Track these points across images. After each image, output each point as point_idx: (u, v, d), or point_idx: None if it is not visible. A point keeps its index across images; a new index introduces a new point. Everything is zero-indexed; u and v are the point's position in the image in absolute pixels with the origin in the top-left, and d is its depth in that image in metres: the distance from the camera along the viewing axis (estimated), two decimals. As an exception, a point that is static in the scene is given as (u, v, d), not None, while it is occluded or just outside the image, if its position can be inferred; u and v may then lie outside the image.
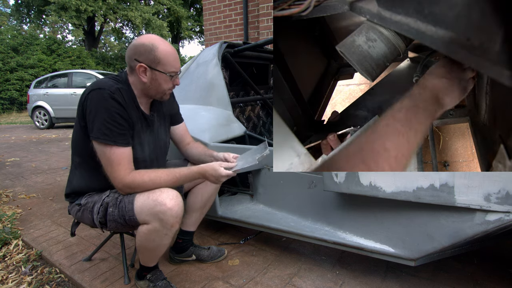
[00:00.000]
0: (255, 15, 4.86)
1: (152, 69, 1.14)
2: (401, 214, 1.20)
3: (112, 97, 1.08)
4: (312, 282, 1.41)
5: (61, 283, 1.49)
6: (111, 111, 1.08)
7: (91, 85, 1.13)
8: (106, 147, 1.09)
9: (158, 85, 1.17)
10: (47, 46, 13.02)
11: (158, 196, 1.09)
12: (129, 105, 1.14)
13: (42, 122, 7.61)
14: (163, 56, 1.13)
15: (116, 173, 1.10)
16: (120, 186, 1.12)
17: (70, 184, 1.27)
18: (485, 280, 1.38)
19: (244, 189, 1.81)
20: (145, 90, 1.19)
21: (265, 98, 2.49)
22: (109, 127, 1.08)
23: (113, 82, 1.14)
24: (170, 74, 1.17)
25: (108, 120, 1.08)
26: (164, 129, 1.36)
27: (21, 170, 3.52)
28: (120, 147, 1.10)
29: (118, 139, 1.09)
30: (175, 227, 1.12)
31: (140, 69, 1.14)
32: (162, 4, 15.95)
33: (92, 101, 1.09)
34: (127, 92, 1.16)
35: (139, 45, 1.13)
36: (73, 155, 1.25)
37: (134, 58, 1.14)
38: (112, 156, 1.09)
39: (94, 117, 1.08)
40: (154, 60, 1.13)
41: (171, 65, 1.16)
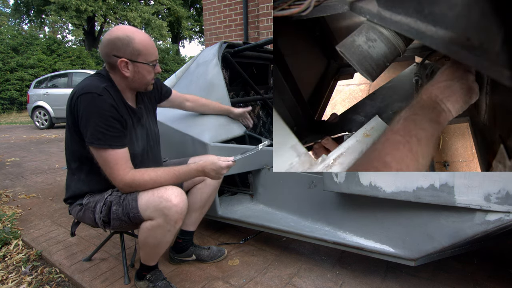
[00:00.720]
0: (255, 15, 4.86)
1: (134, 61, 1.12)
2: (401, 214, 1.20)
3: (102, 99, 1.07)
4: (312, 282, 1.41)
5: (61, 283, 1.49)
6: (103, 115, 1.07)
7: (78, 89, 1.10)
8: (102, 151, 1.09)
9: (142, 77, 1.17)
10: (47, 46, 13.02)
11: (164, 193, 1.11)
12: (118, 104, 1.13)
13: (42, 122, 7.61)
14: (142, 47, 1.11)
15: (115, 174, 1.11)
16: (121, 185, 1.13)
17: (69, 189, 1.27)
18: (485, 280, 1.38)
19: (244, 189, 1.81)
20: (129, 84, 1.19)
21: (265, 98, 2.49)
22: (103, 131, 1.07)
23: (98, 81, 1.12)
24: (152, 64, 1.16)
25: (101, 124, 1.07)
26: (152, 119, 1.37)
27: (21, 170, 3.52)
28: (116, 149, 1.10)
29: (113, 141, 1.10)
30: (178, 223, 1.14)
31: (121, 64, 1.11)
32: (162, 4, 15.95)
33: (83, 106, 1.08)
34: (113, 89, 1.14)
35: (115, 40, 1.10)
36: (69, 161, 1.25)
37: (113, 54, 1.11)
38: (109, 158, 1.09)
39: (87, 122, 1.08)
40: (133, 53, 1.11)
41: (151, 53, 1.14)
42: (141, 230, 1.16)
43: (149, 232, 1.14)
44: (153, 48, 1.16)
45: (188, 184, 1.47)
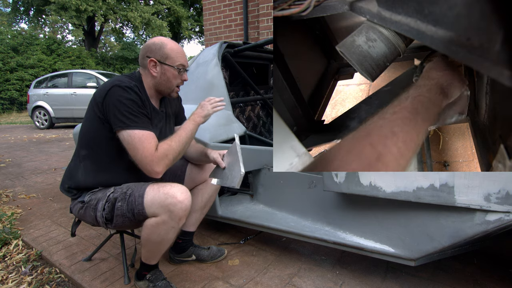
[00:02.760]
0: (255, 15, 4.86)
1: (162, 63, 1.23)
2: (401, 214, 1.20)
3: (133, 90, 1.16)
4: (312, 282, 1.41)
5: (61, 283, 1.49)
6: (134, 102, 1.14)
7: (110, 82, 1.17)
8: (133, 132, 1.12)
9: (167, 79, 1.26)
10: (47, 46, 13.02)
11: (169, 190, 1.13)
12: (144, 101, 1.21)
13: (42, 122, 7.60)
14: (170, 52, 1.24)
15: (146, 150, 1.12)
16: (154, 161, 1.13)
17: (73, 178, 1.27)
18: (485, 280, 1.38)
19: (244, 189, 1.81)
20: (156, 85, 1.27)
21: (265, 98, 2.49)
22: (136, 115, 1.14)
23: (129, 80, 1.21)
24: (177, 67, 1.25)
25: (133, 108, 1.14)
26: (170, 126, 1.41)
27: (21, 170, 3.52)
28: (146, 130, 1.15)
29: (143, 124, 1.15)
30: (182, 220, 1.16)
31: (151, 63, 1.23)
32: (162, 4, 15.94)
33: (115, 96, 1.14)
34: (141, 89, 1.23)
35: (151, 44, 1.25)
36: (80, 148, 1.27)
37: (146, 56, 1.24)
38: (142, 137, 1.13)
39: (120, 107, 1.13)
40: (163, 56, 1.23)
41: (178, 59, 1.25)
42: (145, 227, 1.17)
43: (152, 229, 1.15)
44: (182, 56, 1.27)
45: (189, 184, 1.47)
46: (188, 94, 2.00)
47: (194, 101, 1.95)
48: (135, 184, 1.20)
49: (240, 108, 2.37)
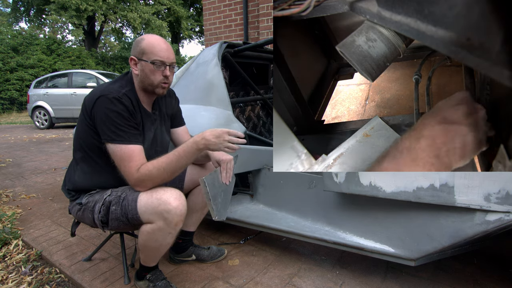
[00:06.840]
0: (255, 15, 4.86)
1: (140, 60, 1.18)
2: (401, 214, 1.20)
3: (120, 102, 1.12)
4: (312, 282, 1.41)
5: (61, 283, 1.49)
6: (119, 114, 1.11)
7: (99, 91, 1.15)
8: (118, 146, 1.11)
9: (145, 76, 1.18)
10: (47, 46, 13.01)
11: (162, 195, 1.10)
12: (135, 108, 1.18)
13: (42, 122, 7.60)
14: (146, 47, 1.16)
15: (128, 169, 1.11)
16: (132, 182, 1.13)
17: (71, 179, 1.27)
18: (485, 280, 1.38)
19: (244, 189, 1.81)
20: (140, 84, 1.22)
21: (265, 98, 2.49)
22: (121, 129, 1.11)
23: (118, 87, 1.17)
24: (152, 62, 1.16)
25: (118, 121, 1.11)
26: (165, 128, 1.38)
27: (21, 170, 3.52)
28: (131, 145, 1.13)
29: (130, 137, 1.13)
30: (179, 225, 1.14)
31: (131, 62, 1.20)
32: (162, 4, 15.93)
33: (101, 108, 1.12)
34: (132, 93, 1.19)
35: (134, 43, 1.21)
36: (75, 151, 1.27)
37: (131, 54, 1.21)
38: (124, 155, 1.11)
39: (105, 120, 1.11)
40: (140, 52, 1.17)
41: (155, 53, 1.16)
42: (141, 233, 1.15)
43: (149, 235, 1.14)
44: (159, 50, 1.16)
45: (189, 184, 1.47)
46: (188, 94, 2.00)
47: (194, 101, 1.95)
48: (130, 188, 1.18)
49: (240, 108, 2.37)
